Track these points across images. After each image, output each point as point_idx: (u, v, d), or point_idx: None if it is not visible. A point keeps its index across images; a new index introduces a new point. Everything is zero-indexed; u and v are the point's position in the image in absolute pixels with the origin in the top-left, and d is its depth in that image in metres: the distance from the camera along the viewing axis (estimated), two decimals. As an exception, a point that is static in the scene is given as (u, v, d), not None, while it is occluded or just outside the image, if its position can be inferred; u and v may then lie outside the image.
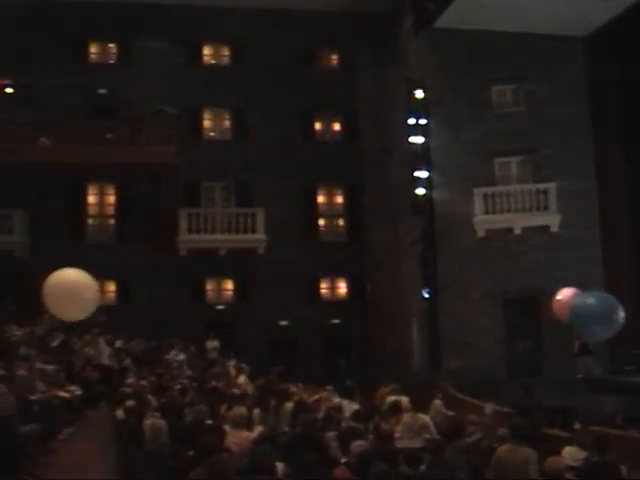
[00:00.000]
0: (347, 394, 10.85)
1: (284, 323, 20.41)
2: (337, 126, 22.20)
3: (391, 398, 10.44)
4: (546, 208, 18.89)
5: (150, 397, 9.66)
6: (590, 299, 11.84)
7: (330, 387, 11.56)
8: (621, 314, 11.34)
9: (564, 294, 15.10)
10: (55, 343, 12.83)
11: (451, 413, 11.48)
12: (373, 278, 20.72)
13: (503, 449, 6.29)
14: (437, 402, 12.12)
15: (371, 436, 7.08)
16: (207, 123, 21.65)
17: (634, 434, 9.21)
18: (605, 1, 17.40)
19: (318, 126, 22.10)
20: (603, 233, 18.90)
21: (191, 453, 6.37)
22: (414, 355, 19.11)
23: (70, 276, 9.82)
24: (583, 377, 15.44)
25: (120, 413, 9.48)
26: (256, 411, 8.86)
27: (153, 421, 8.44)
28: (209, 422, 7.93)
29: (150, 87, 20.19)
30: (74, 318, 10.08)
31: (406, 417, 8.97)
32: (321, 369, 18.72)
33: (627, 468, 6.03)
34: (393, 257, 20.14)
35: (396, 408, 9.16)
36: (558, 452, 7.13)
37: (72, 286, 9.61)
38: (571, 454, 7.20)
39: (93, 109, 19.57)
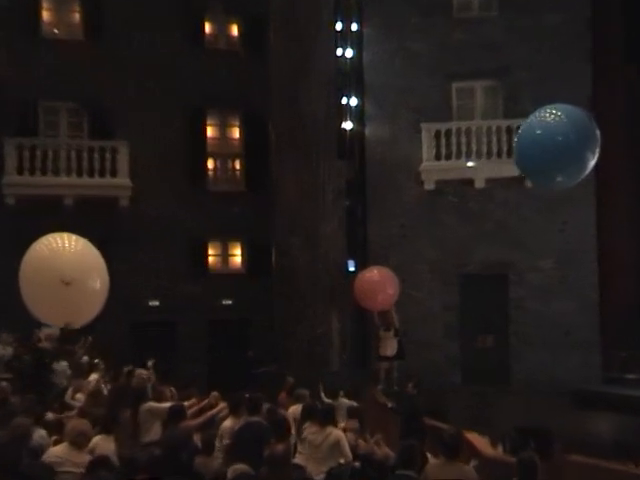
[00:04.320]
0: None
1: (155, 303, 20.21)
2: (235, 30, 21.87)
3: (294, 407, 10.72)
4: None
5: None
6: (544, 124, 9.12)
7: (216, 393, 11.44)
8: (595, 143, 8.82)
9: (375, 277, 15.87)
10: None
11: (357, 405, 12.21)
12: (280, 244, 19.83)
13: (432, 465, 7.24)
14: (342, 400, 12.55)
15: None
16: (48, 16, 20.61)
17: (629, 468, 9.09)
18: None
19: (209, 30, 21.55)
20: (598, 188, 18.70)
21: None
22: (333, 349, 18.87)
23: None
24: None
25: None
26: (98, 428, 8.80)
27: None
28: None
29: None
30: None
31: (311, 432, 8.99)
32: (206, 366, 19.28)
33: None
34: (309, 216, 19.18)
35: (307, 416, 9.27)
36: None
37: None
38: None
39: None
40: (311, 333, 18.90)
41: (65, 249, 10.29)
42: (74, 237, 10.30)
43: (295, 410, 10.46)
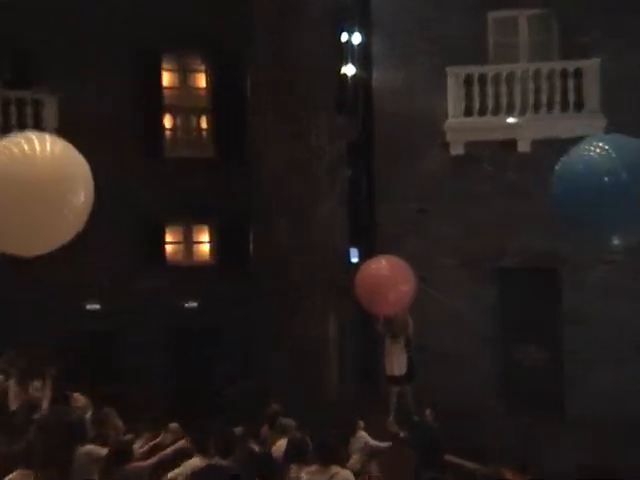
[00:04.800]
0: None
1: (95, 307, 20.08)
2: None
3: (280, 443, 11.15)
4: (579, 106, 18.18)
5: None
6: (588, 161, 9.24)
7: (175, 424, 11.94)
8: None
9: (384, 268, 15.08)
10: None
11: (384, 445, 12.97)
12: (262, 228, 19.65)
13: None
14: (362, 434, 12.91)
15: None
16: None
17: None
18: None
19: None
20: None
21: None
22: (330, 366, 18.88)
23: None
24: None
25: None
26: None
27: None
28: None
29: None
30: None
31: (310, 472, 9.26)
32: (163, 388, 19.29)
33: None
34: (299, 190, 18.94)
35: (294, 455, 9.65)
36: None
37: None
38: None
39: None
40: (301, 345, 18.60)
41: (37, 153, 9.10)
42: (49, 138, 9.22)
43: (281, 446, 10.76)
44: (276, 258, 19.35)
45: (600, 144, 9.15)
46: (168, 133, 21.13)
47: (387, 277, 15.18)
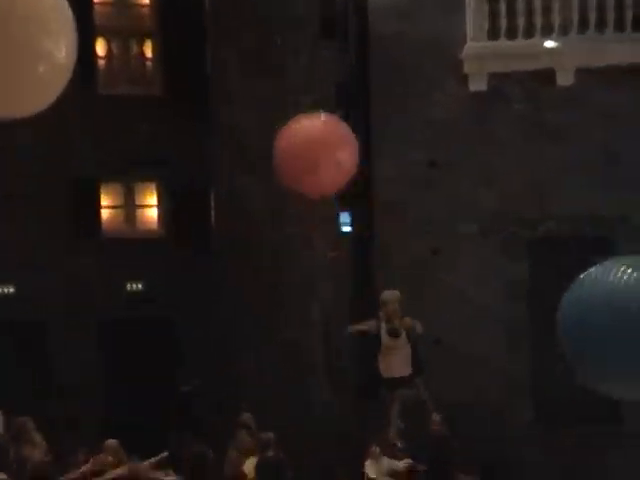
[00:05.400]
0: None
1: (9, 290, 19.69)
2: None
3: (250, 462, 11.94)
4: (638, 25, 17.87)
5: None
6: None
7: (114, 441, 12.33)
8: None
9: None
10: None
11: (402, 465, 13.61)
12: (225, 190, 20.04)
13: None
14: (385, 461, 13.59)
15: None
16: None
17: None
18: None
19: None
20: None
21: None
22: (317, 365, 19.16)
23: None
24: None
25: None
26: None
27: None
28: None
29: None
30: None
31: None
32: (98, 397, 19.24)
33: None
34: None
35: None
36: None
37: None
38: None
39: None
40: (278, 341, 18.83)
41: None
42: None
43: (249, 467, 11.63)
44: (243, 229, 19.38)
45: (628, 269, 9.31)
46: (101, 63, 20.43)
47: (318, 140, 14.36)
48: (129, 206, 20.87)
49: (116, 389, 19.26)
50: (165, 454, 12.80)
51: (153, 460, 12.30)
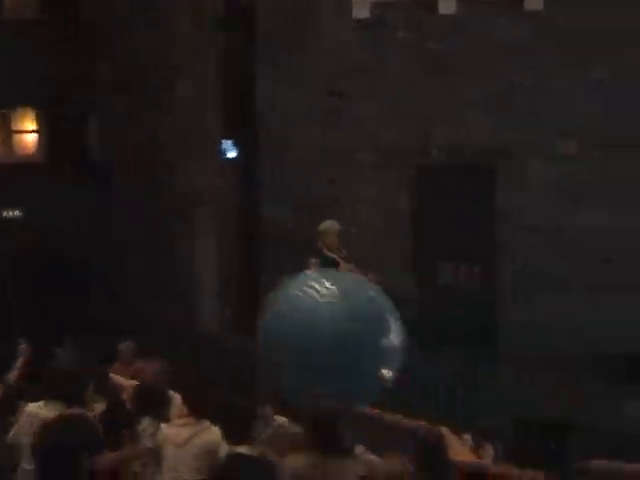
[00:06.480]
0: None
1: None
2: None
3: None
4: None
5: None
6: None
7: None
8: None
9: None
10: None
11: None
12: (106, 109, 20.18)
13: None
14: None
15: None
16: None
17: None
18: None
19: None
20: None
21: None
22: (204, 300, 19.58)
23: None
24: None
25: None
26: None
27: None
28: None
29: None
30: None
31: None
32: None
33: None
34: (157, 59, 19.50)
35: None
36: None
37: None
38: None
39: None
40: (170, 273, 19.22)
41: None
42: None
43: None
44: (124, 154, 19.62)
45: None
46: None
47: None
48: (5, 132, 20.56)
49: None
50: None
51: None
